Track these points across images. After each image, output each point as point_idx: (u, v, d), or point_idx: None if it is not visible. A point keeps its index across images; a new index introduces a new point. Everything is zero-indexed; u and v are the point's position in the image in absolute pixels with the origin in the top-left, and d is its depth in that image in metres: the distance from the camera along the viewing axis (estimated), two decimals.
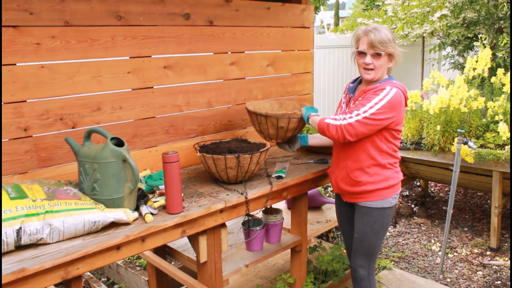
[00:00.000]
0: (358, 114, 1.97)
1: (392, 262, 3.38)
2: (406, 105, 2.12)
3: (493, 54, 4.45)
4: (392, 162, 2.12)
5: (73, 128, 2.09)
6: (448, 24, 4.53)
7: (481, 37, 4.11)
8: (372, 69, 2.05)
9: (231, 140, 2.46)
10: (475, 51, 5.06)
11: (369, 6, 10.09)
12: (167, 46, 2.37)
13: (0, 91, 1.83)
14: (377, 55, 2.03)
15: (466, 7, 4.37)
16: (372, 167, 2.09)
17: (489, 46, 4.09)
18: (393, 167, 2.14)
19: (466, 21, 4.63)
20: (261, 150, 2.16)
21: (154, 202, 1.91)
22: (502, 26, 4.52)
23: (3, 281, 1.38)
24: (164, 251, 2.54)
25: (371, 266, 2.24)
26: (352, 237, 2.29)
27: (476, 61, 3.50)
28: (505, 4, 4.28)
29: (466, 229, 3.95)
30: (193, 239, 2.04)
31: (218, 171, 2.13)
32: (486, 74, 3.57)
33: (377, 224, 2.14)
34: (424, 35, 4.65)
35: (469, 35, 4.77)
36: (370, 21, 5.37)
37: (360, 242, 2.20)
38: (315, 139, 2.49)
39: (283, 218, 2.54)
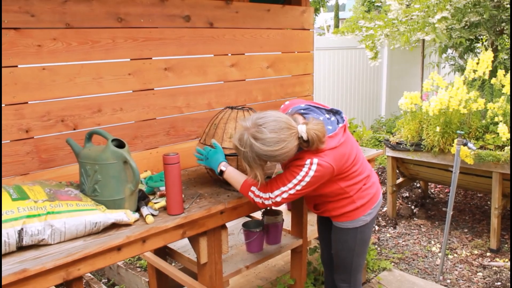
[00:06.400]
0: (282, 192, 1.83)
1: (392, 264, 3.38)
2: (345, 155, 1.85)
3: (495, 56, 4.44)
4: (357, 188, 1.96)
5: (74, 129, 2.09)
6: (450, 27, 4.51)
7: (482, 39, 4.10)
8: None
9: None
10: (476, 53, 5.06)
11: (369, 8, 10.06)
12: (167, 48, 2.38)
13: (0, 93, 1.84)
14: None
15: (469, 10, 4.35)
16: (335, 199, 1.98)
17: (491, 48, 4.08)
18: (359, 188, 1.96)
19: (468, 23, 4.62)
20: None
21: (155, 203, 1.92)
22: (504, 28, 4.51)
23: (5, 282, 1.38)
24: (165, 252, 2.55)
25: (353, 281, 2.15)
26: (328, 247, 2.25)
27: (477, 63, 3.51)
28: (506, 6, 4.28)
29: (466, 230, 3.95)
30: (194, 240, 2.05)
31: None
32: (487, 76, 3.57)
33: (350, 242, 2.05)
34: (426, 38, 4.63)
35: (470, 37, 4.76)
36: (371, 24, 5.35)
37: (336, 258, 2.15)
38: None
39: (283, 219, 2.55)
